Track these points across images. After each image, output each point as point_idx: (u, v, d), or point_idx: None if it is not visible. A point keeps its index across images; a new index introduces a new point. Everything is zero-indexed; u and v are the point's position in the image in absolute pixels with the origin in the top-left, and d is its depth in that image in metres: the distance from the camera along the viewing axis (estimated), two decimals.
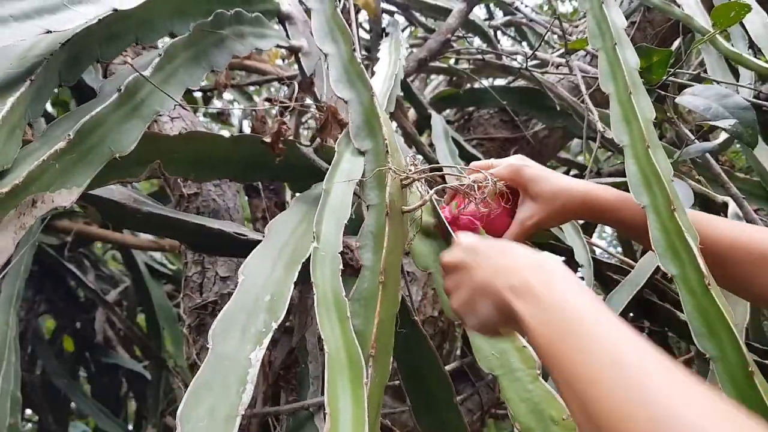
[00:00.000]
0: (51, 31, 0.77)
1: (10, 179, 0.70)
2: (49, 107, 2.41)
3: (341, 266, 0.83)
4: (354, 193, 0.95)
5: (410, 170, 0.97)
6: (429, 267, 0.99)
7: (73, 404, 2.68)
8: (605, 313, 0.65)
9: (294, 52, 1.38)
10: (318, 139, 1.20)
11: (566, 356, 0.63)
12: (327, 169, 1.14)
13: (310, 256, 0.89)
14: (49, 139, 0.77)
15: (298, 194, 1.13)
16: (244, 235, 1.15)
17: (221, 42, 1.11)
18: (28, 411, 2.99)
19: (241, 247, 0.87)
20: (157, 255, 2.79)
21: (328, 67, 1.13)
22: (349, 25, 1.46)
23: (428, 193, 0.97)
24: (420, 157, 1.13)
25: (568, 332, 0.64)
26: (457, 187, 0.95)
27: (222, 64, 1.09)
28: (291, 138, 1.15)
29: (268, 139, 1.08)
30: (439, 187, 0.98)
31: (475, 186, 0.93)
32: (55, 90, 2.30)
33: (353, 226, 0.92)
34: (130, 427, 2.89)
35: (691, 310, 0.87)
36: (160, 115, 1.47)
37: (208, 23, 1.08)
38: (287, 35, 1.40)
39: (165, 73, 0.96)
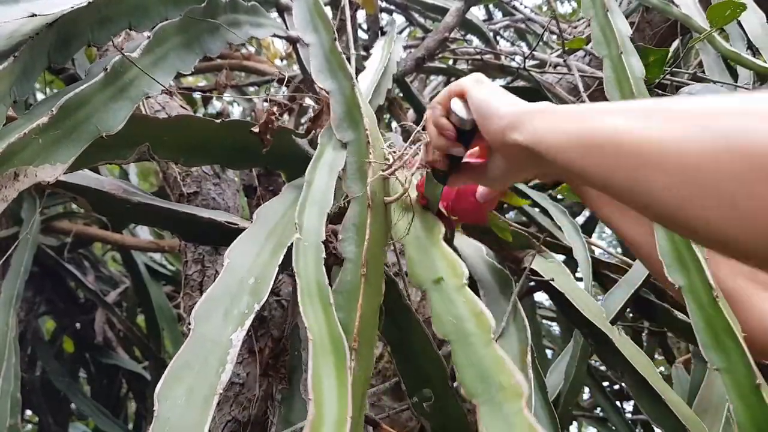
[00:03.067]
0: (36, 15, 0.78)
1: None
2: None
3: (324, 255, 0.83)
4: None
5: (389, 160, 0.97)
6: (401, 240, 0.99)
7: (72, 405, 2.68)
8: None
9: (292, 42, 1.39)
10: (313, 131, 1.20)
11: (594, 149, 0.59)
12: None
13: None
14: (34, 116, 0.78)
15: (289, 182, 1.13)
16: (235, 224, 1.16)
17: (215, 29, 1.12)
18: (28, 412, 2.99)
19: (233, 236, 0.88)
20: (157, 256, 2.80)
21: (309, 57, 1.14)
22: (344, 22, 1.47)
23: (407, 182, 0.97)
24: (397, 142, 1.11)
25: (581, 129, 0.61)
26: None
27: (215, 51, 1.09)
28: (284, 126, 1.15)
29: (256, 129, 1.09)
30: (415, 169, 0.96)
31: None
32: (52, 87, 2.31)
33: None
34: (130, 428, 2.89)
35: (698, 320, 0.88)
36: (158, 111, 1.50)
37: (201, 9, 1.08)
38: (286, 25, 1.40)
39: (154, 56, 0.97)
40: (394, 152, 0.99)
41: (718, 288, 0.87)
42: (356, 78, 1.26)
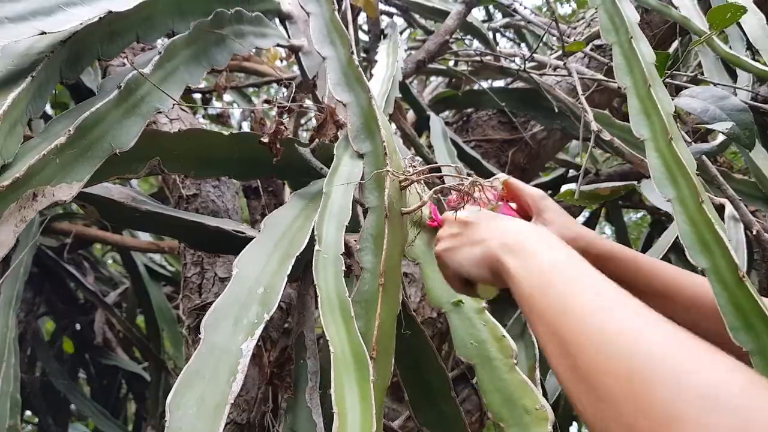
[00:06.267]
0: (45, 33, 0.78)
1: (10, 173, 0.70)
2: (48, 110, 2.42)
3: (343, 267, 0.84)
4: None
5: (408, 172, 0.98)
6: (418, 258, 0.99)
7: (72, 406, 2.68)
8: (588, 270, 0.68)
9: (294, 51, 1.39)
10: (316, 140, 1.20)
11: (548, 308, 0.66)
12: (321, 168, 1.15)
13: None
14: (50, 135, 0.78)
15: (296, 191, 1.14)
16: (243, 233, 1.17)
17: (222, 41, 1.12)
18: (28, 412, 2.99)
19: (240, 245, 0.88)
20: (157, 257, 2.80)
21: (327, 70, 1.14)
22: (347, 27, 1.47)
23: (426, 194, 0.97)
24: (419, 158, 1.13)
25: (549, 284, 0.68)
26: (458, 187, 0.95)
27: (222, 63, 1.10)
28: (290, 137, 1.15)
29: (266, 140, 1.09)
30: (439, 187, 0.98)
31: (477, 185, 0.94)
32: (55, 91, 2.32)
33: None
34: (130, 429, 2.89)
35: (725, 303, 0.85)
36: (159, 113, 1.50)
37: (208, 22, 1.08)
38: (288, 34, 1.40)
39: (165, 71, 0.97)
40: (414, 165, 1.00)
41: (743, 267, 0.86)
42: None
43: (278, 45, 1.35)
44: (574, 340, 0.60)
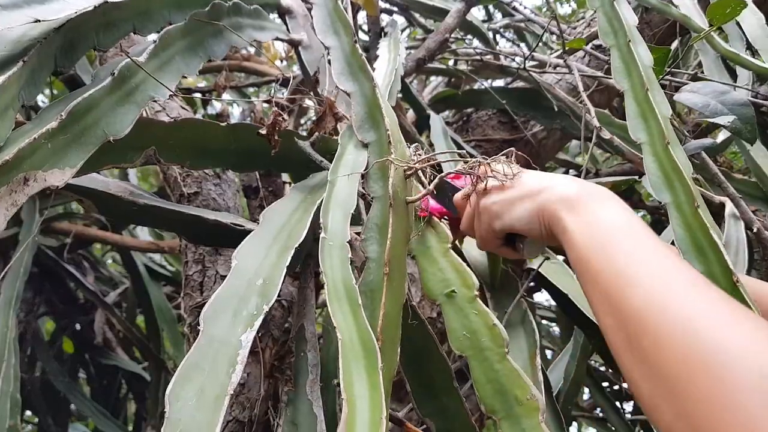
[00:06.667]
0: (39, 20, 0.78)
1: (0, 157, 0.70)
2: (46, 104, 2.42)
3: (349, 255, 0.84)
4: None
5: (413, 160, 0.98)
6: (412, 250, 0.99)
7: (72, 406, 2.67)
8: (650, 236, 0.67)
9: (294, 45, 1.39)
10: (315, 133, 1.20)
11: (604, 272, 0.65)
12: (321, 161, 1.15)
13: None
14: (42, 120, 0.78)
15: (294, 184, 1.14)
16: (241, 226, 1.16)
17: (219, 32, 1.12)
18: (28, 412, 2.99)
19: (239, 238, 0.88)
20: (156, 257, 2.79)
21: (330, 61, 1.14)
22: None
23: (431, 183, 0.97)
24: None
25: (607, 247, 0.67)
26: (464, 171, 0.95)
27: (220, 54, 1.10)
28: (287, 129, 1.15)
29: (263, 131, 1.09)
30: (446, 173, 0.98)
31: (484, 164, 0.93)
32: (54, 90, 2.32)
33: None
34: (130, 429, 2.88)
35: None
36: (160, 111, 1.50)
37: (205, 13, 1.08)
38: (287, 29, 1.40)
39: (160, 60, 0.97)
40: (419, 153, 1.00)
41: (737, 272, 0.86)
42: None
43: (277, 39, 1.35)
44: (631, 310, 0.59)
